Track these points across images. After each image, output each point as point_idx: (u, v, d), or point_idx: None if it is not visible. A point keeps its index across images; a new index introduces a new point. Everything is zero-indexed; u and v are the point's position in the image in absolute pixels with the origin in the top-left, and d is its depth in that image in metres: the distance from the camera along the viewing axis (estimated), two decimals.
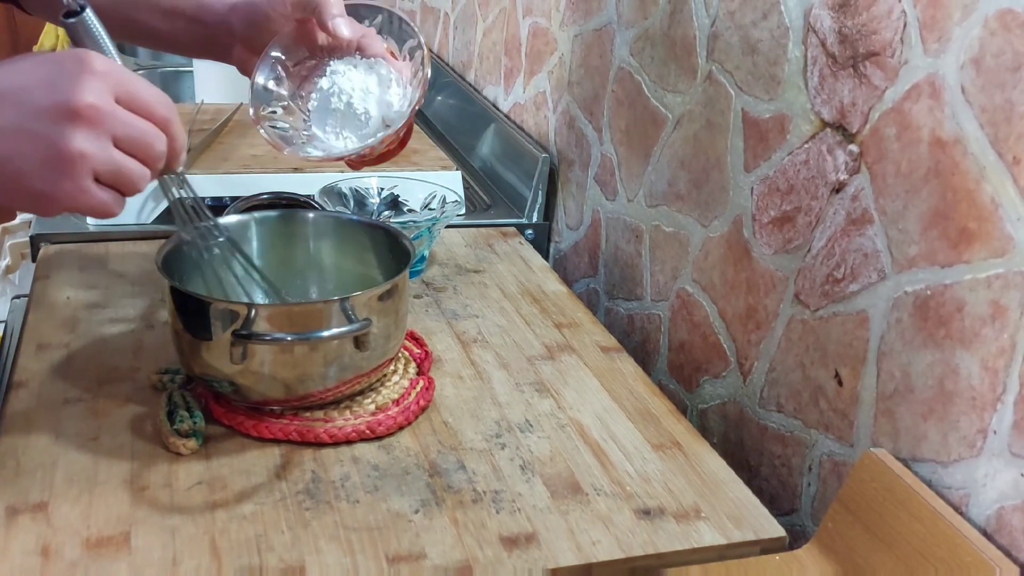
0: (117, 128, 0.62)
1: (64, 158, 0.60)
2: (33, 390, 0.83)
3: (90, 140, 0.60)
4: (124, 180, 0.63)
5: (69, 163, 0.60)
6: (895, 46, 0.70)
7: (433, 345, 0.95)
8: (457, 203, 1.09)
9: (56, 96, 0.60)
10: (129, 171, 0.63)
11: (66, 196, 0.61)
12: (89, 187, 0.62)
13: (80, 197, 0.62)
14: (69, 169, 0.60)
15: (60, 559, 0.65)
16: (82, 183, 0.61)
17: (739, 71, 0.89)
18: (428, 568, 0.67)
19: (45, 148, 0.60)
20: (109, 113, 0.61)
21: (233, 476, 0.75)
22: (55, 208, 0.62)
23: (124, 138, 0.62)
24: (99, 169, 0.61)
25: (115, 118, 0.62)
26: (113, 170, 0.62)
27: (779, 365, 0.85)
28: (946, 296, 0.67)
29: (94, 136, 0.61)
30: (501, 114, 1.46)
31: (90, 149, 0.60)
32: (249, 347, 0.75)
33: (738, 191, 0.90)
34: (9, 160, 0.60)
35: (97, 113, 0.61)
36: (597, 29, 1.15)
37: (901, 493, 0.68)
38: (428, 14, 1.85)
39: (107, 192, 0.63)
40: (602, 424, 0.85)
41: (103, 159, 0.61)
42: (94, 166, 0.61)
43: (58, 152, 0.60)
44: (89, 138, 0.60)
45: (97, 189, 0.62)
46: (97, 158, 0.61)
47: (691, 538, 0.72)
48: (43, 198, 0.61)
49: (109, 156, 0.62)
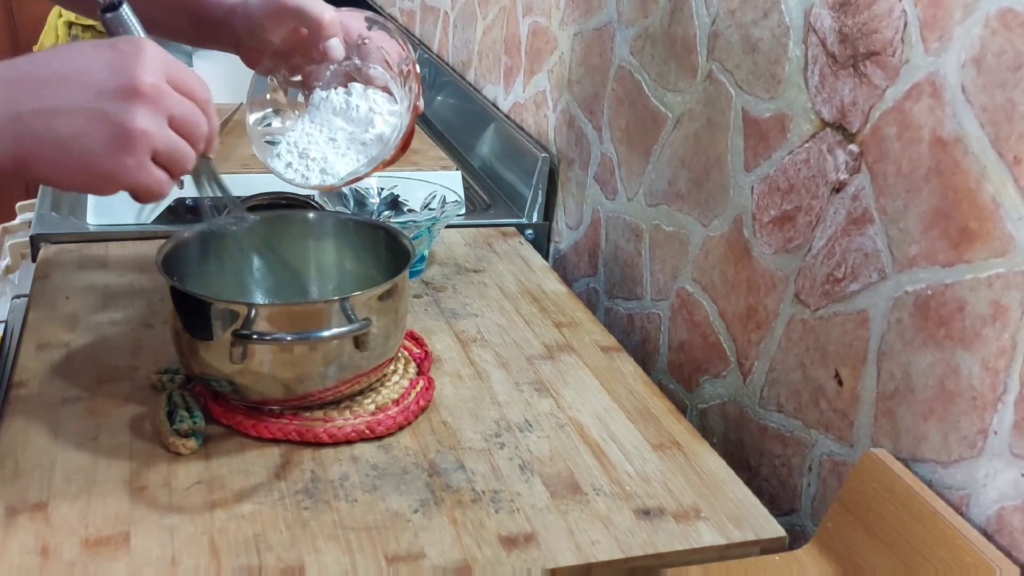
0: (173, 107, 0.64)
1: (129, 135, 0.62)
2: (33, 390, 0.83)
3: (151, 118, 0.63)
4: (177, 159, 0.65)
5: (133, 140, 0.62)
6: (896, 45, 0.70)
7: (433, 345, 0.94)
8: (457, 203, 1.09)
9: (120, 76, 0.62)
10: (181, 150, 0.65)
11: (127, 173, 0.63)
12: (148, 164, 0.64)
13: (140, 174, 0.63)
14: (133, 146, 0.62)
15: (59, 559, 0.65)
16: (143, 160, 0.63)
17: (739, 70, 0.88)
18: (427, 568, 0.67)
19: (112, 126, 0.62)
20: (167, 93, 0.64)
21: (232, 476, 0.74)
22: (114, 186, 0.64)
23: (178, 117, 0.65)
24: (157, 147, 0.64)
25: (171, 98, 0.64)
26: (169, 148, 0.64)
27: (779, 365, 0.85)
28: (947, 296, 0.67)
29: (154, 114, 0.63)
30: (501, 113, 1.46)
31: (151, 127, 0.63)
32: (249, 347, 0.75)
33: (738, 190, 0.90)
34: (75, 139, 0.62)
35: (158, 92, 0.63)
36: (597, 28, 1.15)
37: (901, 493, 0.68)
38: (428, 13, 1.85)
39: (160, 171, 0.65)
40: (602, 424, 0.85)
41: (162, 137, 0.64)
42: (154, 144, 0.63)
43: (124, 129, 0.62)
44: (150, 116, 0.63)
45: (154, 168, 0.64)
46: (157, 136, 0.63)
47: (691, 538, 0.72)
48: (106, 176, 0.63)
49: (166, 135, 0.64)
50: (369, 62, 0.87)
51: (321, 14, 0.83)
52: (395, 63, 0.87)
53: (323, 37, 0.84)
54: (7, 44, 2.80)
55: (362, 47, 0.87)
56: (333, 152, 0.85)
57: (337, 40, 0.84)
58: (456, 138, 1.60)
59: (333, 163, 0.85)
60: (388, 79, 0.88)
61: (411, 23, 1.98)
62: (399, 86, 0.87)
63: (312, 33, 0.84)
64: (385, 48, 0.87)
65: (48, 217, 1.14)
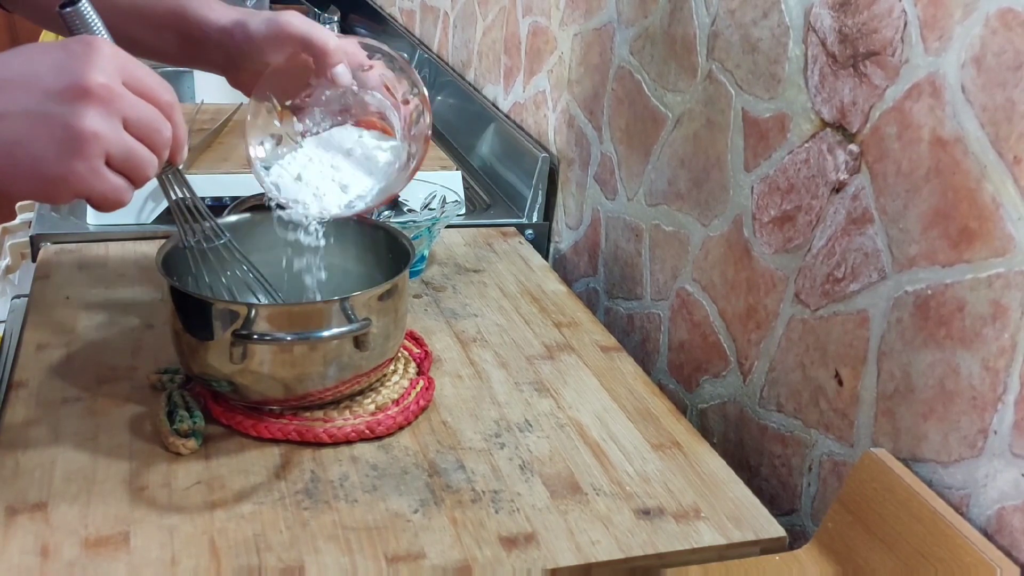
0: (127, 109, 0.61)
1: (78, 138, 0.59)
2: (32, 390, 0.83)
3: (102, 120, 0.60)
4: (134, 165, 0.62)
5: (83, 143, 0.59)
6: (895, 45, 0.70)
7: (432, 345, 0.94)
8: (457, 203, 1.09)
9: (67, 77, 0.59)
10: (139, 156, 0.62)
11: (79, 179, 0.60)
12: (102, 169, 0.61)
13: (93, 180, 0.61)
14: (83, 149, 0.60)
15: (59, 559, 0.65)
16: (95, 164, 0.60)
17: (739, 70, 0.88)
18: (427, 568, 0.67)
19: (58, 129, 0.59)
20: (120, 94, 0.61)
21: (232, 476, 0.74)
22: (67, 193, 0.61)
23: (134, 120, 0.62)
24: (111, 151, 0.61)
25: (125, 99, 0.61)
26: (124, 153, 0.62)
27: (779, 365, 0.85)
28: (947, 296, 0.67)
29: (106, 116, 0.60)
30: (501, 113, 1.46)
31: (103, 129, 0.60)
32: (249, 347, 0.75)
33: (738, 190, 0.90)
34: (21, 144, 0.59)
35: (109, 92, 0.60)
36: (597, 28, 1.15)
37: (901, 493, 0.68)
38: (428, 13, 1.85)
39: (118, 178, 0.62)
40: (601, 424, 0.85)
41: (115, 140, 0.61)
42: (106, 147, 0.60)
43: (72, 132, 0.59)
44: (101, 118, 0.60)
45: (109, 173, 0.61)
46: (109, 139, 0.60)
47: (691, 538, 0.72)
48: (56, 181, 0.60)
49: (120, 138, 0.61)
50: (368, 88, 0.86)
51: (327, 41, 0.81)
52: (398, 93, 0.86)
53: (329, 64, 0.81)
54: (7, 44, 2.80)
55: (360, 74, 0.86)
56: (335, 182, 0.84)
57: (343, 67, 0.82)
58: (456, 138, 1.60)
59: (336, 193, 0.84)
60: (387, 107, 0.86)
61: (411, 23, 1.98)
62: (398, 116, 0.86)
63: (318, 60, 0.82)
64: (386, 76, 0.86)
65: (48, 217, 1.14)
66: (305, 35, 0.81)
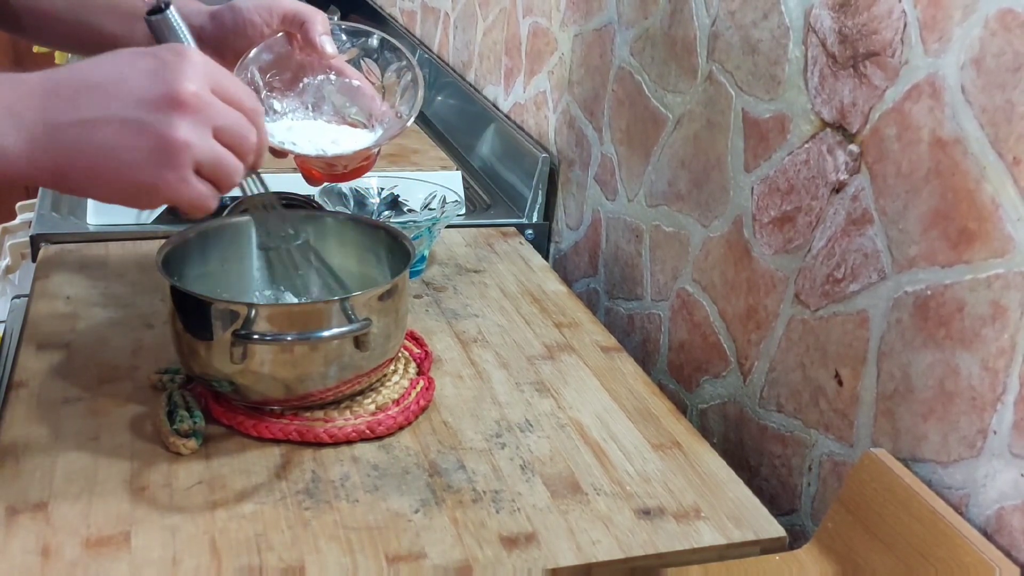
0: (217, 118, 0.62)
1: (171, 148, 0.59)
2: (33, 390, 0.83)
3: (194, 129, 0.60)
4: (222, 172, 0.63)
5: (175, 153, 0.60)
6: (895, 46, 0.70)
7: (433, 345, 0.95)
8: (457, 203, 1.09)
9: (160, 86, 0.60)
10: (227, 163, 0.63)
11: (168, 187, 0.61)
12: (191, 178, 0.61)
13: (182, 188, 0.61)
14: (174, 159, 0.60)
15: (60, 559, 0.65)
16: (185, 173, 0.61)
17: (739, 71, 0.89)
18: (428, 568, 0.67)
19: (152, 138, 0.59)
20: (210, 103, 0.61)
21: (233, 476, 0.75)
22: (155, 200, 0.62)
23: (223, 128, 0.62)
24: (201, 159, 0.61)
25: (215, 108, 0.62)
26: (214, 161, 0.62)
27: (779, 365, 0.85)
28: (946, 296, 0.67)
29: (197, 125, 0.60)
30: (501, 114, 1.46)
31: (194, 139, 0.60)
32: (249, 347, 0.75)
33: (738, 191, 0.90)
34: (114, 151, 0.59)
35: (200, 102, 0.60)
36: (597, 29, 1.15)
37: (901, 493, 0.68)
38: (428, 14, 1.85)
39: (205, 185, 0.62)
40: (602, 424, 0.85)
41: (205, 149, 0.61)
42: (197, 156, 0.61)
43: (165, 142, 0.59)
44: (193, 127, 0.60)
45: (197, 181, 0.62)
46: (200, 148, 0.61)
47: (691, 538, 0.72)
48: (146, 190, 0.61)
49: (211, 146, 0.61)
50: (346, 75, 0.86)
51: (315, 13, 0.83)
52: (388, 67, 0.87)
53: (317, 33, 0.82)
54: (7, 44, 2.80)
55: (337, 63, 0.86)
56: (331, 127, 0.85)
57: (329, 37, 0.83)
58: (456, 138, 1.60)
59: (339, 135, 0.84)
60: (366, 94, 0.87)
61: (411, 24, 1.98)
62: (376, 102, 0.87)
63: (305, 29, 0.83)
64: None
65: (48, 217, 1.14)
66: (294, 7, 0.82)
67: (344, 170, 0.88)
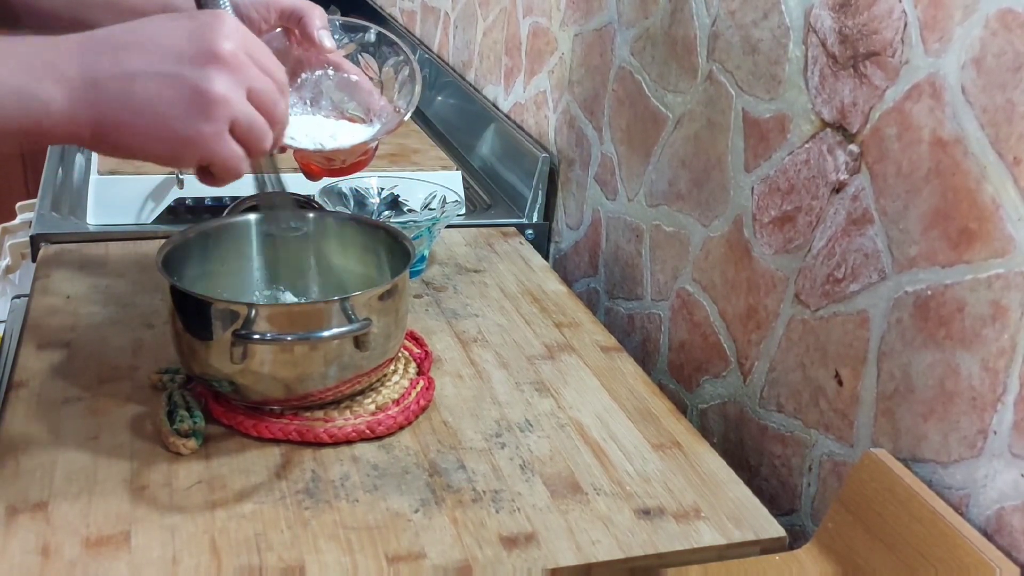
0: (252, 80, 0.63)
1: (208, 100, 0.61)
2: (33, 390, 0.83)
3: (231, 86, 0.62)
4: (255, 135, 0.64)
5: (212, 106, 0.61)
6: (896, 46, 0.70)
7: (433, 345, 0.95)
8: (457, 203, 1.09)
9: (199, 43, 0.61)
10: (259, 126, 0.64)
11: (205, 141, 0.62)
12: (226, 135, 0.62)
13: (217, 144, 0.62)
14: (212, 112, 0.61)
15: (60, 558, 0.65)
16: (220, 128, 0.62)
17: (740, 71, 0.88)
18: (427, 568, 0.67)
19: (189, 91, 0.61)
20: (246, 63, 0.63)
21: (233, 475, 0.75)
22: (192, 155, 0.63)
23: (257, 91, 0.63)
24: (236, 117, 0.62)
25: (251, 69, 0.63)
26: (248, 121, 0.63)
27: (779, 365, 0.85)
28: (947, 296, 0.67)
29: (234, 83, 0.62)
30: (501, 114, 1.46)
31: (231, 94, 0.62)
32: (249, 347, 0.75)
33: (738, 191, 0.90)
34: (152, 103, 0.61)
35: (237, 60, 0.62)
36: (597, 28, 1.15)
37: (901, 493, 0.68)
38: (428, 14, 1.85)
39: (238, 146, 0.64)
40: (602, 424, 0.85)
41: (241, 107, 0.62)
42: (233, 113, 0.62)
43: (202, 95, 0.61)
44: (230, 84, 0.62)
45: (231, 140, 0.63)
46: (236, 105, 0.62)
47: (691, 538, 0.72)
48: (183, 142, 0.62)
49: (245, 105, 0.63)
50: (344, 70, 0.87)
51: (313, 8, 0.83)
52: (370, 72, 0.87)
53: (315, 27, 0.83)
54: None
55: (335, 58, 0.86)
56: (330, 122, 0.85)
57: (327, 31, 0.84)
58: (456, 138, 1.60)
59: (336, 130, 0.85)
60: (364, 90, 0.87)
61: (411, 23, 1.98)
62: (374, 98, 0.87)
63: (304, 23, 0.83)
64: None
65: (48, 217, 1.14)
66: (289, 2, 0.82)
67: (342, 164, 0.88)
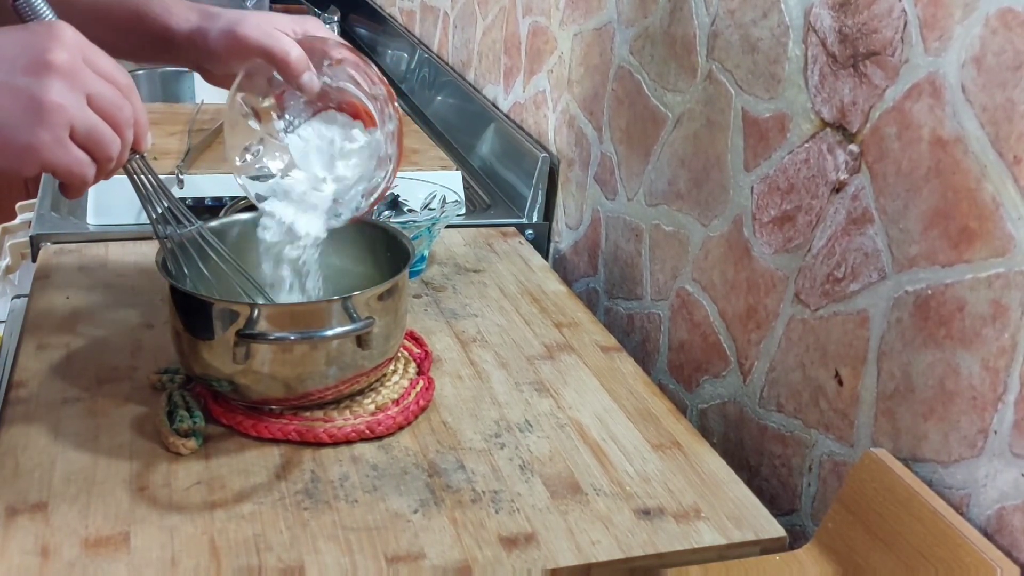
0: (90, 85, 0.64)
1: (43, 108, 0.62)
2: (33, 390, 0.83)
3: (66, 92, 0.62)
4: (97, 139, 0.65)
5: (48, 113, 0.62)
6: (895, 45, 0.70)
7: (433, 345, 0.94)
8: (457, 203, 1.09)
9: (32, 53, 0.62)
10: (102, 131, 0.65)
11: (45, 148, 0.63)
12: (66, 141, 0.63)
13: (58, 151, 0.63)
14: (48, 119, 0.62)
15: (59, 559, 0.65)
16: (60, 135, 0.63)
17: (739, 70, 0.88)
18: (427, 568, 0.67)
19: (24, 99, 0.62)
20: (82, 69, 0.63)
21: (232, 476, 0.74)
22: (33, 163, 0.63)
23: (96, 96, 0.64)
24: (75, 123, 0.63)
25: (87, 74, 0.64)
26: (88, 126, 0.64)
27: (779, 365, 0.85)
28: (947, 296, 0.67)
29: (70, 89, 0.63)
30: (501, 113, 1.46)
31: (67, 101, 0.62)
32: (252, 347, 0.75)
33: (738, 190, 0.90)
34: None
35: (72, 68, 0.63)
36: (597, 28, 1.15)
37: (901, 493, 0.68)
38: (428, 13, 1.85)
39: (82, 152, 0.64)
40: (602, 424, 0.85)
41: (78, 113, 0.63)
42: (70, 119, 0.63)
43: (37, 102, 0.62)
44: (65, 90, 0.62)
45: (73, 147, 0.64)
46: (73, 111, 0.63)
47: (691, 538, 0.72)
48: (23, 150, 0.63)
49: (84, 111, 0.64)
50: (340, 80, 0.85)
51: (287, 53, 0.79)
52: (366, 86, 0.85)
53: (295, 75, 0.80)
54: None
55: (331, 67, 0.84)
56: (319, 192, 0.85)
57: (310, 75, 0.81)
58: (456, 138, 1.60)
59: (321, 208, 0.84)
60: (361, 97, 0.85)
61: (411, 23, 1.98)
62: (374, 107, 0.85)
63: (281, 72, 0.81)
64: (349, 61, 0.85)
65: (48, 217, 1.14)
66: (264, 47, 0.79)
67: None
